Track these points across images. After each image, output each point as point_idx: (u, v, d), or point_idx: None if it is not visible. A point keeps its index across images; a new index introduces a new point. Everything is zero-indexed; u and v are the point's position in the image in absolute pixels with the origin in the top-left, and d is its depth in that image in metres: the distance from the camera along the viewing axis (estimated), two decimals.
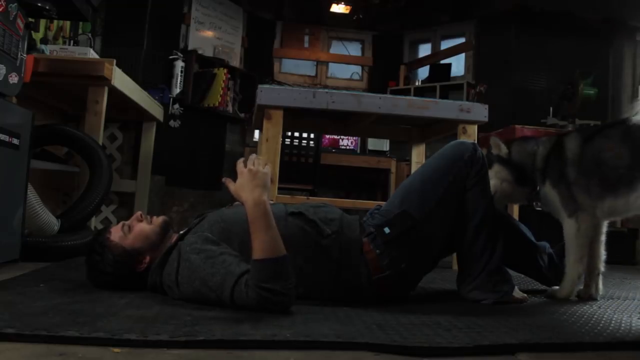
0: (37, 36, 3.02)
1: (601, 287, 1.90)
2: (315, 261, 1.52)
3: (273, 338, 1.08)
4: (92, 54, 2.87)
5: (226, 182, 1.44)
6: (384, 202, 1.78)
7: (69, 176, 3.16)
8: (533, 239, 1.97)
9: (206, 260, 1.38)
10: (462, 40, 5.21)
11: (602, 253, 1.89)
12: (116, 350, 0.99)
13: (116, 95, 2.84)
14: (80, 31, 3.46)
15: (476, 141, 2.42)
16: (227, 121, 4.93)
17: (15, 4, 1.97)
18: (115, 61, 2.69)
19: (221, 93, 4.66)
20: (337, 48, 5.59)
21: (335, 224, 1.58)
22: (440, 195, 1.65)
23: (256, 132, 4.65)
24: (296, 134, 3.95)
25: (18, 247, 2.04)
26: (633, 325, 1.40)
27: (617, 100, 4.73)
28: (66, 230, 2.35)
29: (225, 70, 4.71)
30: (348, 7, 5.19)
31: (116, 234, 1.56)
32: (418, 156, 3.23)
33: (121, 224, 1.58)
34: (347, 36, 5.59)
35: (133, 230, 1.56)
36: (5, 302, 1.31)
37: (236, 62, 5.01)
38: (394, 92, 5.01)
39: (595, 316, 1.52)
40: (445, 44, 5.37)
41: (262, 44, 5.29)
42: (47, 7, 2.15)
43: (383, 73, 5.44)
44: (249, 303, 1.30)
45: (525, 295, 1.75)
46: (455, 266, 2.37)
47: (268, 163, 1.47)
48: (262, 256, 1.31)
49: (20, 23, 2.03)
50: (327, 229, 1.55)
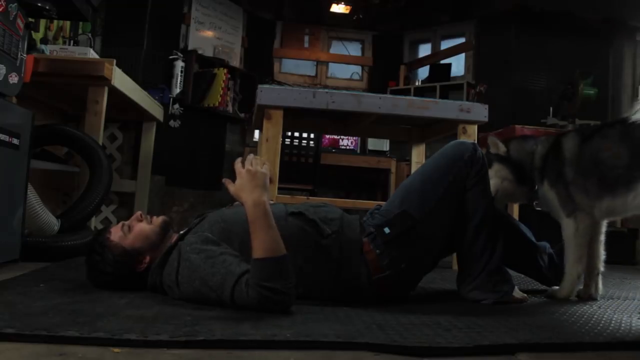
0: (37, 36, 3.02)
1: (601, 287, 1.90)
2: (315, 261, 1.52)
3: (273, 338, 1.08)
4: (92, 54, 2.87)
5: (226, 183, 1.44)
6: (384, 202, 1.78)
7: (69, 176, 3.16)
8: (533, 239, 1.97)
9: (206, 260, 1.38)
10: (462, 40, 5.21)
11: (602, 253, 1.89)
12: (116, 350, 1.00)
13: (116, 95, 2.84)
14: (80, 31, 3.46)
15: (476, 141, 2.42)
16: (227, 121, 4.93)
17: (15, 4, 1.97)
18: (115, 61, 2.69)
19: (221, 93, 4.66)
20: (337, 48, 5.59)
21: (335, 224, 1.58)
22: (440, 195, 1.65)
23: (256, 132, 4.65)
24: (296, 134, 3.95)
25: (18, 247, 2.04)
26: (633, 325, 1.40)
27: (617, 100, 4.73)
28: (66, 230, 2.35)
29: (225, 70, 4.71)
30: (348, 7, 5.19)
31: (116, 234, 1.56)
32: (418, 156, 3.23)
33: (121, 224, 1.58)
34: (347, 36, 5.59)
35: (133, 230, 1.57)
36: (5, 302, 1.31)
37: (236, 62, 5.01)
38: (394, 92, 5.01)
39: (595, 316, 1.52)
40: (445, 44, 5.37)
41: (262, 44, 5.29)
42: (47, 7, 2.15)
43: (383, 73, 5.44)
44: (250, 302, 1.30)
45: (525, 295, 1.75)
46: (455, 266, 2.37)
47: (266, 163, 1.47)
48: (263, 255, 1.31)
49: (20, 23, 2.03)
50: (327, 229, 1.55)
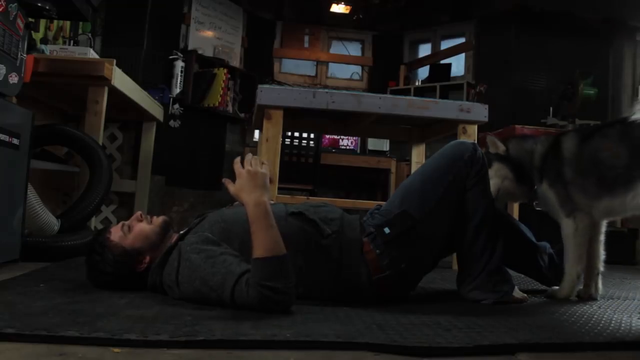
0: (37, 36, 3.02)
1: (601, 287, 1.89)
2: (315, 261, 1.52)
3: (273, 338, 1.08)
4: (92, 54, 2.87)
5: (226, 183, 1.44)
6: (384, 202, 1.78)
7: (69, 176, 3.16)
8: (533, 239, 1.97)
9: (207, 260, 1.38)
10: (462, 40, 5.21)
11: (602, 253, 1.89)
12: (116, 350, 1.00)
13: (116, 95, 2.84)
14: (80, 31, 3.46)
15: (476, 141, 2.42)
16: (227, 121, 4.93)
17: (15, 4, 1.97)
18: (115, 61, 2.70)
19: (221, 93, 4.66)
20: (337, 48, 5.59)
21: (335, 224, 1.58)
22: (440, 195, 1.65)
23: (256, 132, 4.65)
24: (296, 134, 3.95)
25: (18, 247, 2.04)
26: (633, 325, 1.40)
27: (617, 100, 4.73)
28: (66, 230, 2.35)
29: (225, 70, 4.70)
30: (348, 7, 5.18)
31: (116, 234, 1.56)
32: (418, 156, 3.23)
33: (121, 224, 1.58)
34: (347, 36, 5.59)
35: (133, 230, 1.57)
36: (5, 302, 1.31)
37: (236, 62, 5.01)
38: (394, 92, 5.01)
39: (595, 316, 1.52)
40: (445, 44, 5.37)
41: (262, 44, 5.29)
42: (47, 7, 2.15)
43: (383, 73, 5.43)
44: (250, 302, 1.30)
45: (525, 295, 1.75)
46: (455, 266, 2.37)
47: (265, 162, 1.47)
48: (263, 255, 1.31)
49: (20, 23, 2.03)
50: (328, 229, 1.55)
